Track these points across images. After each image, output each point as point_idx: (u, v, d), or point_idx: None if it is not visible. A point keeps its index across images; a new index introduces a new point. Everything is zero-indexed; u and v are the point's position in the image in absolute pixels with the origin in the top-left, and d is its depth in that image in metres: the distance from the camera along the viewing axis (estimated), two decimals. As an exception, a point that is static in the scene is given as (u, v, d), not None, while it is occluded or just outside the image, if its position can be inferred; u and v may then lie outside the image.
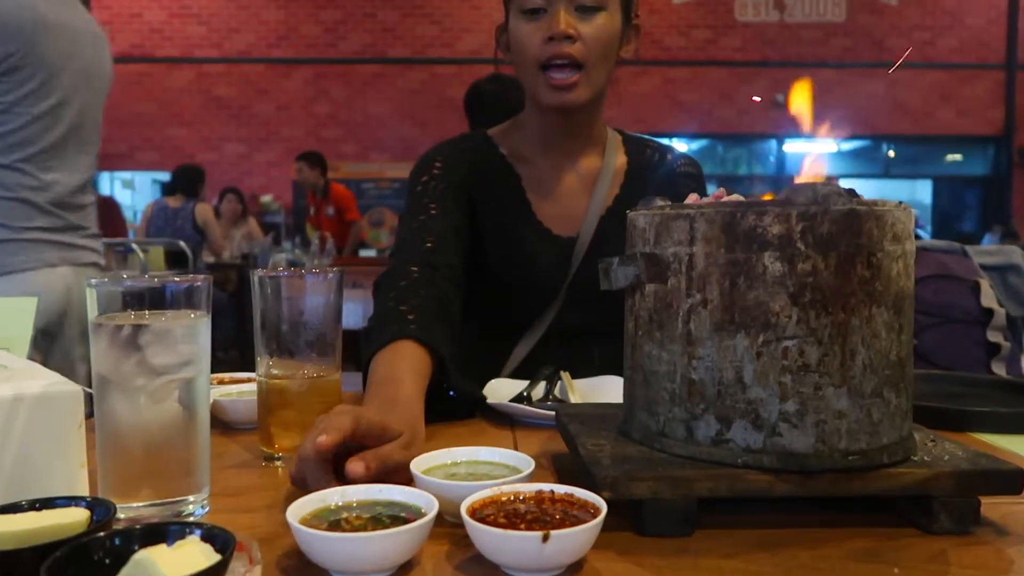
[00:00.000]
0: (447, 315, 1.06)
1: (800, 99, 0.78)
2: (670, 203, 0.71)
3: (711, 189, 0.96)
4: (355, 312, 4.73)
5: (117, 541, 0.50)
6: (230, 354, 5.43)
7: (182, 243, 4.18)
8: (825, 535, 0.62)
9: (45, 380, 0.64)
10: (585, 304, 1.22)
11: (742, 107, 9.52)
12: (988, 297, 1.56)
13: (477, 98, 2.68)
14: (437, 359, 0.95)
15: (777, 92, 9.14)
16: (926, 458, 0.66)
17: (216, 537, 0.50)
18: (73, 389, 0.65)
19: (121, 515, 0.63)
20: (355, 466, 0.64)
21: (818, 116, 0.75)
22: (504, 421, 1.00)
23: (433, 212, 1.18)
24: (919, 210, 9.08)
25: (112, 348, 0.64)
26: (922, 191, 10.73)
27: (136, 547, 0.48)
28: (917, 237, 0.73)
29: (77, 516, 0.54)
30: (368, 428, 0.69)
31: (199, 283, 0.67)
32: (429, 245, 1.13)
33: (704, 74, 9.52)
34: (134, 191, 9.55)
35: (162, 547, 0.48)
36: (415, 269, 1.08)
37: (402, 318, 0.98)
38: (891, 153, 10.38)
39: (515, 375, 1.23)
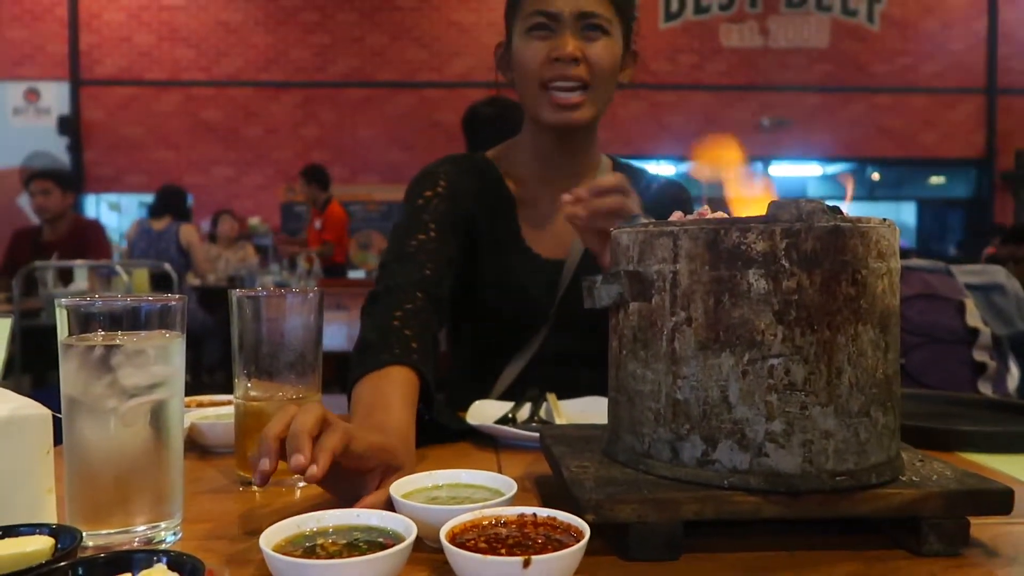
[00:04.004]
0: (436, 351, 1.06)
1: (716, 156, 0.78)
2: (653, 220, 0.70)
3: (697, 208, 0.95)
4: (338, 333, 4.68)
5: (80, 571, 0.48)
6: (216, 377, 5.38)
7: (167, 265, 4.14)
8: (813, 558, 0.61)
9: (13, 403, 0.62)
10: (574, 328, 1.21)
11: (728, 130, 9.59)
12: (973, 316, 1.56)
13: (475, 120, 2.68)
14: (427, 392, 0.94)
15: (762, 116, 9.24)
16: (914, 478, 0.65)
17: (184, 565, 0.48)
18: (42, 413, 0.63)
19: (89, 543, 0.61)
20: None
21: (799, 142, 0.74)
22: (488, 443, 0.98)
23: (432, 234, 1.15)
24: (904, 231, 9.17)
25: (82, 369, 0.62)
26: (907, 213, 10.85)
27: (99, 576, 0.47)
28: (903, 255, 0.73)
29: (40, 544, 0.52)
30: (369, 450, 0.68)
31: (173, 303, 0.65)
32: (428, 273, 1.10)
33: (690, 98, 9.61)
34: (121, 214, 9.49)
35: (126, 576, 0.46)
36: (420, 295, 1.06)
37: (407, 343, 0.96)
38: (876, 176, 10.49)
39: (503, 398, 1.21)
